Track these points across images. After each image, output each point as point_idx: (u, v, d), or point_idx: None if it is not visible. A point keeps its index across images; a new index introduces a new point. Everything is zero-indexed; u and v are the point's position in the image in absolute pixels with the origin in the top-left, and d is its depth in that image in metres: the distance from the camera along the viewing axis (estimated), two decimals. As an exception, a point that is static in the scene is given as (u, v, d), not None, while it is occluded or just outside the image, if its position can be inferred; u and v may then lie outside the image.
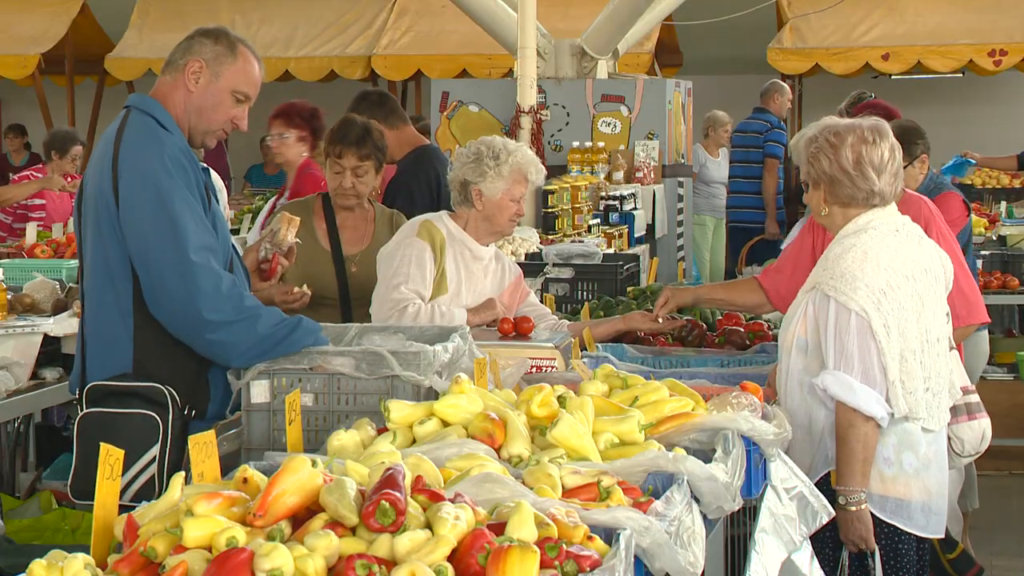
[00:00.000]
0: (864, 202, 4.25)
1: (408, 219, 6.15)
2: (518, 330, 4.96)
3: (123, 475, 3.62)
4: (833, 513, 3.86)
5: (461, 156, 5.29)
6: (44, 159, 10.96)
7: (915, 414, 4.16)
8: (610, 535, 2.66)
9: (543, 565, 2.44)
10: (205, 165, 4.19)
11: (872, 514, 4.14)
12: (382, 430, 3.39)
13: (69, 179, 10.77)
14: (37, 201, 10.47)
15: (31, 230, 8.47)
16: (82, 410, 3.98)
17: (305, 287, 5.08)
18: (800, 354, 4.21)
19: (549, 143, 10.77)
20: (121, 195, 3.88)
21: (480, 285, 5.27)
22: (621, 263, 7.00)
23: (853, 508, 4.08)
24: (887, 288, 4.13)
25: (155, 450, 3.86)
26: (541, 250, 7.47)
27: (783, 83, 13.21)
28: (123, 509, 2.77)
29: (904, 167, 6.04)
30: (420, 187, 6.64)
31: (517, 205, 5.23)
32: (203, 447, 2.86)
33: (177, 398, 3.94)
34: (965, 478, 6.92)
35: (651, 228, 10.49)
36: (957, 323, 5.32)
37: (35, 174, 10.75)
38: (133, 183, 3.88)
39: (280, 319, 3.88)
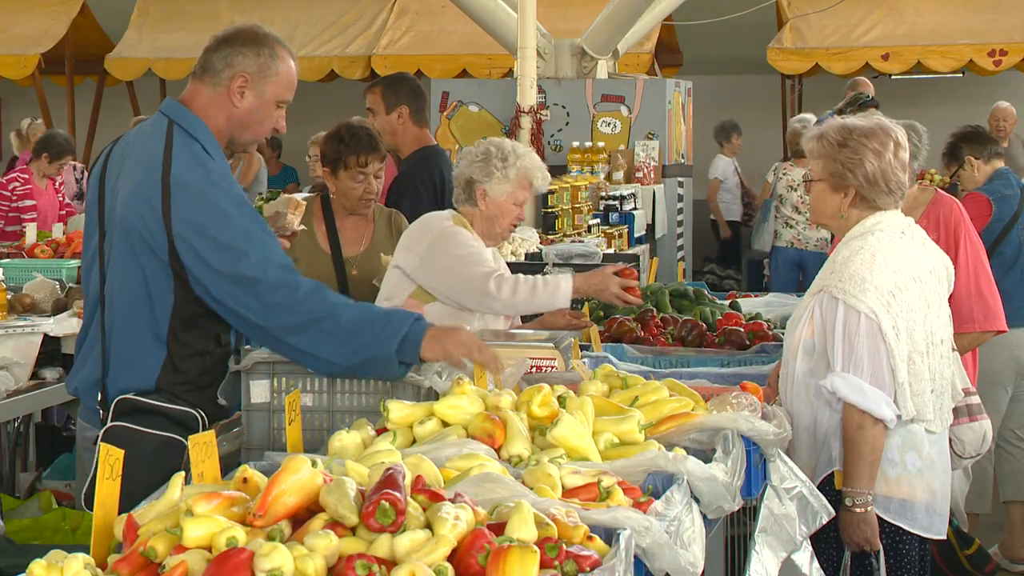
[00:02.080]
0: (895, 204, 4.24)
1: (410, 218, 6.12)
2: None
3: (144, 498, 3.59)
4: (833, 513, 3.85)
5: (468, 154, 5.24)
6: (33, 156, 10.97)
7: (922, 416, 4.16)
8: (610, 535, 2.66)
9: (543, 565, 2.44)
10: None
11: (876, 515, 4.13)
12: (381, 430, 3.39)
13: (54, 181, 10.82)
14: (28, 203, 10.48)
15: (31, 230, 8.46)
16: (106, 419, 3.86)
17: None
18: (806, 356, 4.20)
19: (549, 143, 10.77)
20: (179, 234, 3.73)
21: None
22: (621, 263, 6.99)
23: (859, 510, 4.08)
24: (895, 290, 4.12)
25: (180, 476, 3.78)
26: (541, 250, 7.47)
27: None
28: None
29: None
30: (426, 186, 6.60)
31: (519, 210, 5.21)
32: (203, 447, 2.86)
33: (206, 422, 3.85)
34: (978, 481, 6.94)
35: (651, 228, 10.50)
36: (974, 327, 5.33)
37: (21, 176, 10.76)
38: (201, 225, 3.74)
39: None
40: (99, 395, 3.89)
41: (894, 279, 4.13)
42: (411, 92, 6.69)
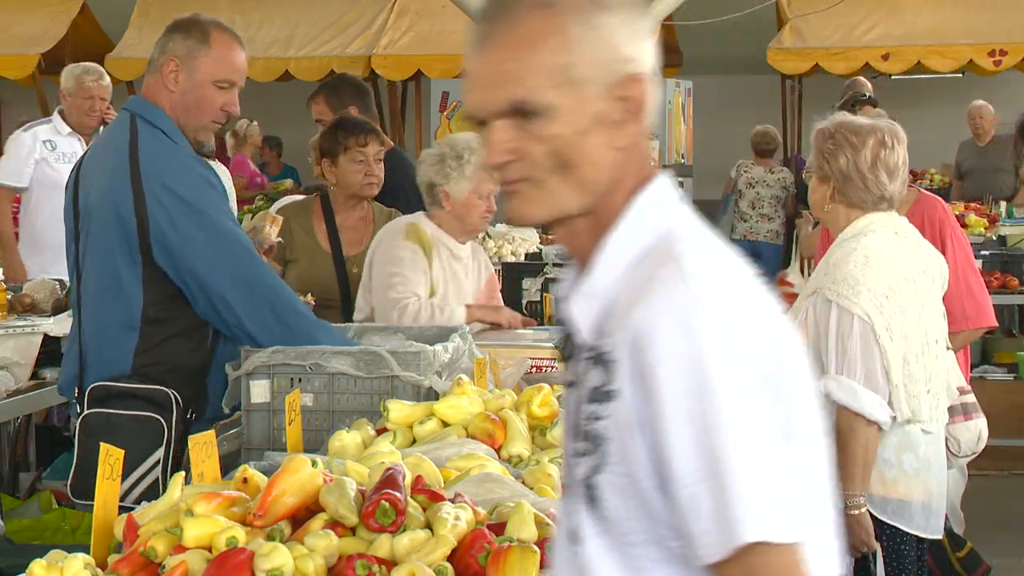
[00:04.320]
0: (872, 206, 4.23)
1: None
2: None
3: (126, 478, 3.64)
4: (832, 513, 3.85)
5: (427, 158, 5.29)
6: None
7: (917, 417, 4.15)
8: (610, 535, 2.66)
9: (543, 565, 2.44)
10: (210, 163, 4.20)
11: (873, 516, 4.13)
12: (381, 430, 3.39)
13: None
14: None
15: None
16: (83, 409, 3.96)
17: (309, 296, 5.07)
18: (801, 358, 4.19)
19: (549, 143, 10.77)
20: (155, 219, 3.86)
21: (462, 284, 5.29)
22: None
23: (853, 512, 4.08)
24: (889, 292, 4.12)
25: (159, 453, 3.85)
26: (541, 250, 7.47)
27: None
28: (124, 511, 2.77)
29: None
30: (412, 187, 6.58)
31: (487, 202, 5.24)
32: (203, 447, 2.86)
33: (180, 401, 3.93)
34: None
35: (651, 228, 10.50)
36: (966, 325, 5.32)
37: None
38: (176, 210, 3.87)
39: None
40: (76, 390, 3.97)
41: (887, 280, 4.13)
42: (356, 92, 6.55)
